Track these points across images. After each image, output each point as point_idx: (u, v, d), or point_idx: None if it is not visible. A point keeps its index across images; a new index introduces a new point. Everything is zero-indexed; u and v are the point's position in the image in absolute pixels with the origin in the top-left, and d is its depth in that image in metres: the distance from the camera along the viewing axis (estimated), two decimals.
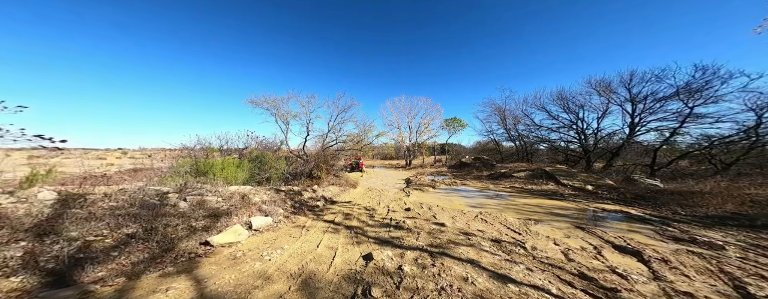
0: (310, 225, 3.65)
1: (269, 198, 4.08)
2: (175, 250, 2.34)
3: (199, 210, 2.84)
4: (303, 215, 4.13)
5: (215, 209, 2.95)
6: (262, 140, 10.05)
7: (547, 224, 4.63)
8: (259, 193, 4.16)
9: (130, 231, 2.35)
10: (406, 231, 3.78)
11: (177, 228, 2.50)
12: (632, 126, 12.28)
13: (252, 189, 4.21)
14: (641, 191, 7.07)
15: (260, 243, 2.80)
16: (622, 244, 3.53)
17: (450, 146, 30.19)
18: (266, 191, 4.40)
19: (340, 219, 4.31)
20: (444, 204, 6.28)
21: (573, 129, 15.05)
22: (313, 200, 5.19)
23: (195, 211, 2.83)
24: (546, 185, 8.91)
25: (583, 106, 14.39)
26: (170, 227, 2.45)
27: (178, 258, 2.27)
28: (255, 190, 4.23)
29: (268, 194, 4.27)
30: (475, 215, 4.96)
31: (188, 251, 2.38)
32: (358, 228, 3.88)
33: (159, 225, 2.37)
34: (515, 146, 20.81)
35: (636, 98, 11.95)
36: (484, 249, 3.07)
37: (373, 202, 6.27)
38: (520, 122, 18.95)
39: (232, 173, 4.87)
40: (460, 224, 4.30)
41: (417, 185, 10.00)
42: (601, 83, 13.18)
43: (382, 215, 4.82)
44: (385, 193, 8.01)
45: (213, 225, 2.73)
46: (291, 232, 3.20)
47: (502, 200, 6.94)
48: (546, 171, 9.88)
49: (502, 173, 11.80)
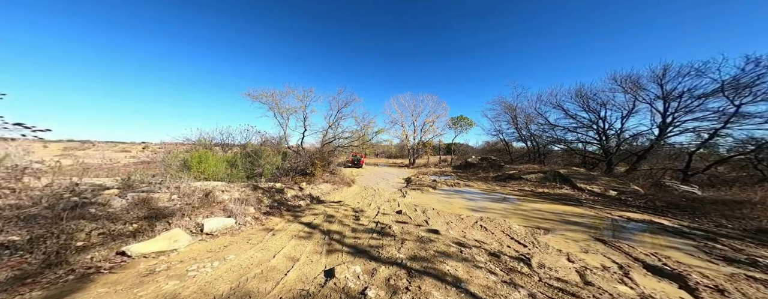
0: (281, 228, 3.22)
1: (241, 196, 3.70)
2: (66, 265, 1.84)
3: (136, 210, 2.45)
4: (278, 216, 3.72)
5: (159, 210, 2.56)
6: (266, 135, 9.89)
7: (559, 234, 3.95)
8: (231, 190, 3.79)
9: (8, 239, 1.87)
10: (390, 238, 3.27)
11: (90, 234, 2.07)
12: (663, 126, 11.01)
13: (224, 186, 3.85)
14: (675, 199, 6.14)
15: (202, 252, 2.34)
16: (656, 264, 2.83)
17: (456, 145, 29.17)
18: (241, 188, 4.03)
19: (319, 222, 3.85)
20: (442, 207, 5.69)
21: (593, 129, 13.83)
22: (296, 199, 4.79)
23: (129, 211, 2.44)
24: (560, 189, 8.06)
25: (605, 104, 13.16)
26: (78, 232, 2.02)
27: (64, 276, 1.75)
28: (226, 186, 3.87)
29: (242, 192, 3.89)
30: (474, 222, 4.36)
31: (87, 265, 1.89)
32: (336, 232, 3.41)
33: (57, 231, 1.94)
34: (526, 147, 19.64)
35: (669, 95, 10.68)
36: (478, 265, 2.51)
37: (364, 203, 5.79)
38: (532, 121, 17.79)
39: (212, 168, 4.56)
40: (455, 232, 3.72)
41: (416, 185, 9.43)
42: (627, 78, 11.93)
43: (369, 218, 4.33)
44: (380, 193, 7.51)
45: (147, 229, 2.31)
46: (252, 237, 2.77)
47: (508, 205, 6.25)
48: (560, 174, 8.99)
49: (510, 174, 10.97)
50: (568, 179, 8.51)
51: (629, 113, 12.54)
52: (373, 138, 12.62)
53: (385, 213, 4.75)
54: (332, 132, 12.70)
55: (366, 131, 12.02)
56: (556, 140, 15.91)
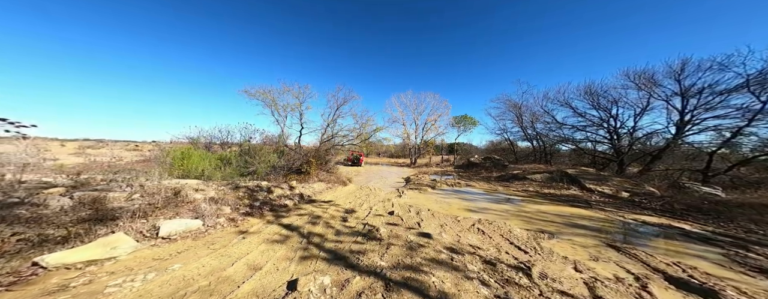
0: (256, 231, 2.96)
1: (218, 195, 3.46)
2: None
3: (77, 212, 2.19)
4: (258, 217, 3.46)
5: (107, 211, 2.28)
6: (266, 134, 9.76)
7: (565, 239, 3.57)
8: (207, 189, 3.55)
9: None
10: (376, 242, 2.97)
11: (4, 240, 1.74)
12: (681, 125, 10.33)
13: (199, 184, 3.62)
14: (695, 202, 5.62)
15: (146, 260, 2.02)
16: (680, 276, 2.44)
17: (459, 145, 28.61)
18: (220, 187, 3.79)
19: (301, 223, 3.58)
20: (438, 208, 5.36)
21: (603, 128, 13.16)
22: (282, 199, 4.54)
23: (68, 213, 2.18)
24: (567, 190, 7.59)
25: (616, 101, 12.49)
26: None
27: None
28: (203, 185, 3.63)
29: (220, 191, 3.66)
30: (471, 224, 4.01)
31: None
32: (317, 235, 3.13)
33: None
34: (532, 146, 19.00)
35: (688, 91, 10.00)
36: (470, 275, 2.18)
37: (357, 203, 5.50)
38: (538, 119, 17.17)
39: (194, 165, 4.35)
40: (448, 236, 3.39)
41: (415, 184, 9.09)
42: (642, 74, 11.26)
43: (358, 220, 4.04)
44: (376, 192, 7.21)
45: (82, 234, 2.00)
46: (218, 240, 2.50)
47: (510, 206, 5.86)
48: (568, 174, 8.50)
49: (514, 174, 10.50)
50: (576, 180, 8.02)
51: (643, 110, 11.87)
52: (372, 137, 12.30)
53: (376, 214, 4.45)
54: (331, 130, 12.47)
55: (364, 129, 11.72)
56: (563, 139, 15.26)
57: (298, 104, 10.85)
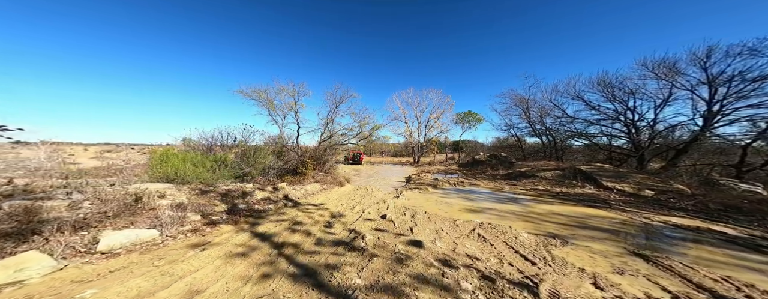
0: (220, 241, 2.63)
1: (189, 201, 3.16)
2: None
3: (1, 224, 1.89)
4: (231, 224, 3.14)
5: (32, 223, 1.94)
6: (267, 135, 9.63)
7: (581, 246, 3.07)
8: (177, 194, 3.25)
9: None
10: (358, 253, 2.58)
11: None
12: (709, 115, 9.41)
13: (168, 188, 3.32)
14: (733, 201, 4.93)
15: (64, 283, 1.66)
16: (733, 296, 1.94)
17: (464, 143, 27.84)
18: (193, 191, 3.49)
19: (278, 230, 3.24)
20: (437, 210, 4.92)
21: (619, 121, 12.24)
22: (265, 203, 4.23)
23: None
24: (581, 188, 6.95)
25: (634, 93, 11.56)
26: None
27: None
28: (173, 189, 3.33)
29: (193, 195, 3.36)
30: (471, 229, 3.56)
31: None
32: (292, 245, 2.77)
33: None
34: (541, 142, 18.11)
35: (716, 79, 9.08)
36: (461, 296, 1.76)
37: (349, 205, 5.14)
38: (547, 114, 16.29)
39: (172, 168, 4.12)
40: (443, 243, 2.96)
41: (416, 184, 8.65)
42: (662, 63, 10.32)
43: (345, 225, 3.67)
44: (372, 193, 6.83)
45: None
46: (169, 254, 2.16)
47: (517, 206, 5.34)
48: (582, 170, 7.82)
49: (522, 172, 9.87)
50: (591, 177, 7.36)
51: (664, 102, 10.92)
52: (372, 135, 11.92)
53: (367, 219, 4.06)
54: (329, 130, 12.18)
55: (363, 127, 11.36)
56: (575, 134, 14.37)
57: (294, 103, 10.61)
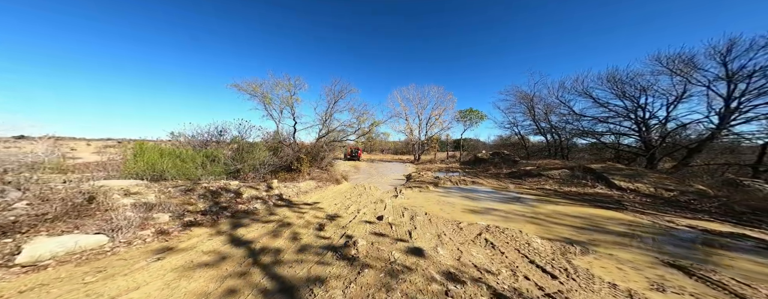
0: (187, 247, 2.25)
1: (159, 200, 2.78)
2: None
3: None
4: (206, 227, 2.77)
5: None
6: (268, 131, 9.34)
7: (604, 254, 2.69)
8: (146, 192, 2.87)
9: None
10: (347, 263, 2.21)
11: None
12: (726, 113, 8.93)
13: (137, 186, 2.95)
14: (761, 203, 4.53)
15: None
16: None
17: (465, 141, 27.38)
18: (166, 189, 3.11)
19: (260, 234, 2.87)
20: (438, 211, 4.54)
21: (629, 119, 11.76)
22: (251, 202, 3.87)
23: None
24: (592, 188, 6.54)
25: (645, 90, 11.05)
26: None
27: None
28: (139, 187, 2.94)
29: (165, 193, 2.99)
30: (477, 234, 3.18)
31: None
32: (272, 252, 2.41)
33: None
34: (546, 141, 17.64)
35: (736, 74, 8.57)
36: None
37: (344, 204, 4.77)
38: (553, 111, 15.80)
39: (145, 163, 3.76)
40: (446, 251, 2.59)
41: (416, 182, 8.27)
42: (677, 58, 9.78)
43: (337, 228, 3.30)
44: (370, 192, 6.46)
45: None
46: (114, 265, 1.75)
47: (524, 207, 4.95)
48: (592, 169, 7.41)
49: (527, 170, 9.46)
50: (602, 176, 6.94)
51: (678, 99, 10.41)
52: (371, 131, 11.52)
53: (363, 220, 3.69)
54: (327, 126, 11.78)
55: (361, 123, 10.95)
56: (582, 132, 13.88)
57: (290, 97, 10.19)
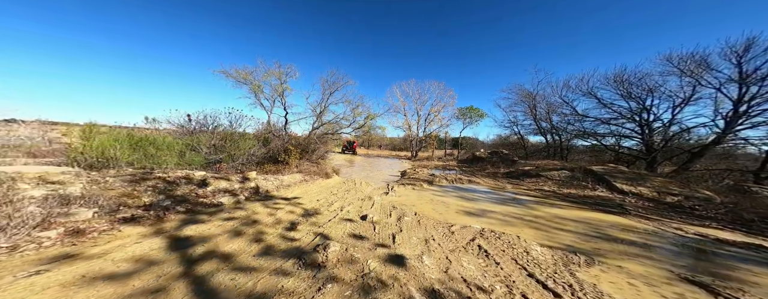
0: (97, 253, 1.76)
1: (90, 191, 2.33)
2: None
3: None
4: (146, 225, 2.31)
5: None
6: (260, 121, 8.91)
7: (612, 266, 2.35)
8: (73, 181, 2.40)
9: None
10: (312, 272, 1.85)
11: None
12: (734, 117, 8.61)
13: (61, 173, 2.48)
14: None
15: None
16: None
17: (464, 139, 27.06)
18: (106, 178, 2.66)
19: (215, 233, 2.48)
20: (429, 211, 4.18)
21: (634, 121, 11.42)
22: (218, 195, 3.47)
23: None
24: (593, 191, 6.23)
25: (652, 91, 10.68)
26: None
27: None
28: (63, 175, 2.46)
29: (102, 184, 2.54)
30: (470, 239, 2.82)
31: None
32: (222, 258, 2.02)
33: None
34: (546, 141, 17.35)
35: (749, 76, 8.19)
36: None
37: (328, 201, 4.40)
38: (554, 111, 15.44)
39: (99, 148, 3.33)
40: (433, 260, 2.22)
41: (410, 179, 7.92)
42: (690, 58, 9.35)
43: (312, 227, 2.94)
44: (360, 187, 6.09)
45: None
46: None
47: (522, 210, 4.62)
48: (593, 171, 7.09)
49: (525, 170, 9.14)
50: (603, 179, 6.63)
51: (686, 101, 10.07)
52: (366, 124, 11.10)
53: (344, 219, 3.33)
54: (323, 118, 11.30)
55: (356, 115, 10.52)
56: (583, 133, 13.56)
57: (279, 84, 9.67)
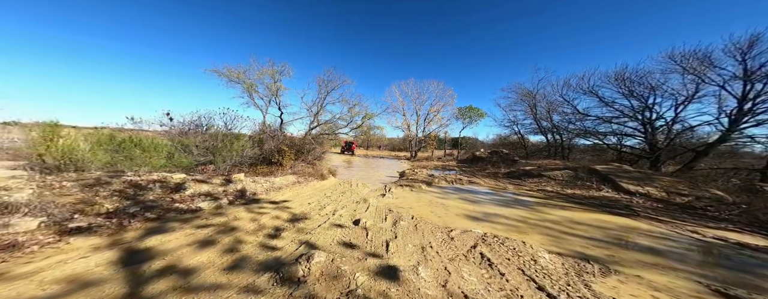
0: (27, 272, 1.37)
1: (39, 198, 2.05)
2: None
3: None
4: (102, 235, 2.04)
5: None
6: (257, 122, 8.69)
7: (630, 275, 2.10)
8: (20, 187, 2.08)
9: None
10: (284, 291, 1.60)
11: None
12: (739, 115, 8.41)
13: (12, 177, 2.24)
14: None
15: None
16: None
17: (464, 139, 26.84)
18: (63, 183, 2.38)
19: (183, 244, 2.22)
20: (428, 214, 3.92)
21: (636, 119, 11.21)
22: (195, 199, 3.20)
23: None
24: (598, 191, 5.98)
25: (654, 89, 10.49)
26: None
27: None
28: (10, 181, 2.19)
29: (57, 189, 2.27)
30: (471, 246, 2.56)
31: None
32: (183, 274, 1.75)
33: None
34: (547, 141, 17.13)
35: (754, 73, 8.02)
36: None
37: (320, 204, 4.14)
38: (555, 110, 15.23)
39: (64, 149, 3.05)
40: (430, 272, 1.96)
41: (408, 180, 7.66)
42: (692, 55, 9.18)
43: (298, 234, 2.68)
44: (355, 189, 5.83)
45: None
46: None
47: (526, 211, 4.36)
48: (597, 171, 6.84)
49: (526, 170, 8.89)
50: (608, 178, 6.38)
51: (688, 99, 9.86)
52: (364, 124, 10.86)
53: (335, 224, 3.07)
54: (320, 118, 11.06)
55: (353, 114, 10.29)
56: (585, 132, 13.33)
57: (273, 83, 9.43)
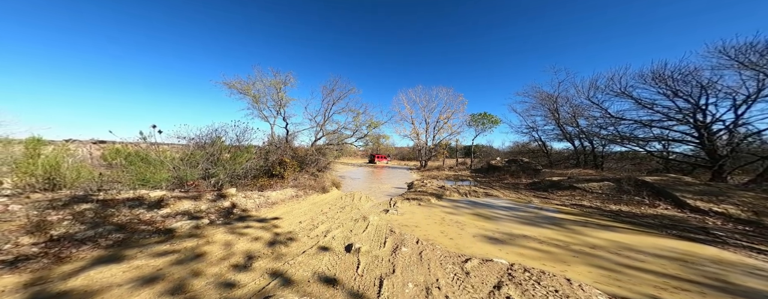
0: None
1: None
2: None
3: None
4: (29, 270, 1.68)
5: None
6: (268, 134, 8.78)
7: None
8: None
9: None
10: None
11: None
12: None
13: None
14: None
15: None
16: None
17: (477, 147, 25.49)
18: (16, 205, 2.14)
19: (128, 279, 1.82)
20: (437, 235, 3.27)
21: (686, 123, 9.67)
22: (174, 218, 2.87)
23: None
24: (653, 208, 4.86)
25: (705, 88, 9.06)
26: None
27: None
28: None
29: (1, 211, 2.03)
30: (493, 286, 1.89)
31: None
32: None
33: None
34: (573, 148, 15.56)
35: None
36: None
37: (314, 222, 3.66)
38: (581, 114, 13.85)
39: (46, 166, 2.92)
40: None
41: (417, 192, 6.98)
42: (750, 48, 7.83)
43: (275, 264, 2.20)
44: (358, 204, 5.31)
45: None
46: None
47: (563, 233, 3.52)
48: (648, 182, 5.67)
49: (553, 181, 7.83)
50: (664, 192, 5.23)
51: (752, 98, 8.32)
52: (369, 133, 10.50)
53: (322, 248, 2.56)
54: (324, 128, 10.93)
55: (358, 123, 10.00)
56: (622, 138, 11.79)
57: (276, 93, 9.49)
